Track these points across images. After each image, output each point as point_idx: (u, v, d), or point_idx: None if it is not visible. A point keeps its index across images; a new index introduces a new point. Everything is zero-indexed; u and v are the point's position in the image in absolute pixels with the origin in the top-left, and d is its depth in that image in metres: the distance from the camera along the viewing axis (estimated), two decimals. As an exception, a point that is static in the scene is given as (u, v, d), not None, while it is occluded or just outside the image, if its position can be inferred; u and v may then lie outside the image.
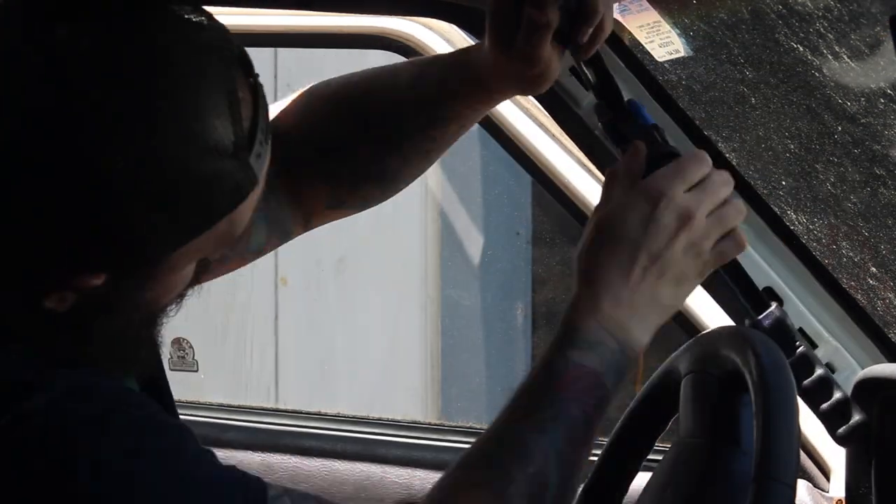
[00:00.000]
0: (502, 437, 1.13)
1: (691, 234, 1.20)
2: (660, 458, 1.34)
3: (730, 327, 1.22)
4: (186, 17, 1.09)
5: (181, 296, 1.20)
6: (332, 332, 5.11)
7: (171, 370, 2.87)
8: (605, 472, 1.40)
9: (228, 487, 1.07)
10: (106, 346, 1.15)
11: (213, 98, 1.06)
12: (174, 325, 1.24)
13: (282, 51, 4.48)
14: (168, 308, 1.19)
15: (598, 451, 1.43)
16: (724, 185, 1.24)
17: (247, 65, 1.12)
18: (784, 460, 1.08)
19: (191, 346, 2.85)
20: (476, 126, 2.19)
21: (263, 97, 1.14)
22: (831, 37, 2.02)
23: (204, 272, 1.20)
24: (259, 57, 1.20)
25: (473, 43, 2.13)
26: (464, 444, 2.34)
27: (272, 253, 1.30)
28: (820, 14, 2.01)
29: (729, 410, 1.22)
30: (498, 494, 1.08)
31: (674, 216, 1.20)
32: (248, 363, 4.57)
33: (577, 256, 1.23)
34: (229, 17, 2.16)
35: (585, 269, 1.22)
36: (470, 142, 5.08)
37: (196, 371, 2.88)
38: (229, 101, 1.07)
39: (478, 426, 2.48)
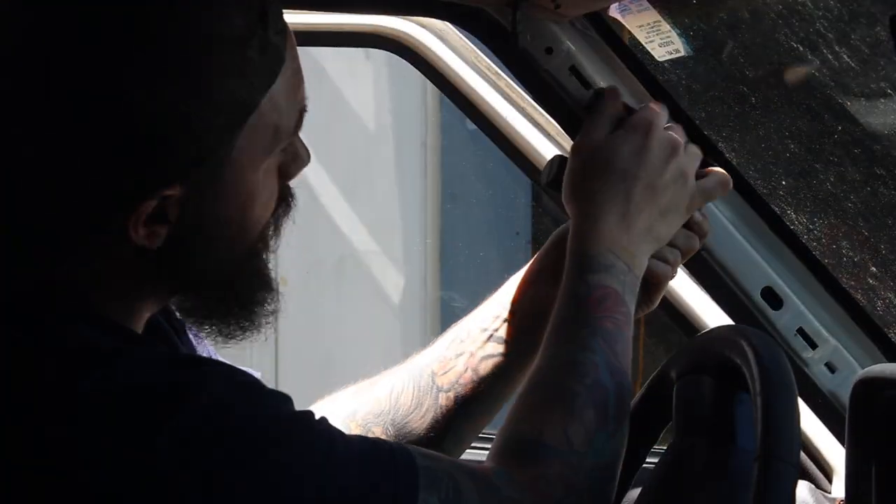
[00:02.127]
0: (554, 362, 1.20)
1: (679, 161, 1.33)
2: (658, 457, 1.34)
3: (724, 327, 1.23)
4: None
5: (276, 222, 1.20)
6: (332, 332, 5.11)
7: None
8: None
9: (376, 467, 1.07)
10: (212, 281, 1.16)
11: None
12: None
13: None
14: (265, 232, 1.18)
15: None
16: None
17: None
18: (787, 441, 1.09)
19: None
20: (475, 126, 2.20)
21: None
22: (831, 37, 2.02)
23: (288, 192, 1.20)
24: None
25: (471, 43, 2.14)
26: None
27: (272, 253, 1.30)
28: (820, 14, 2.01)
29: (726, 409, 1.22)
30: (569, 408, 1.14)
31: (664, 145, 1.32)
32: (247, 363, 4.57)
33: (569, 190, 1.33)
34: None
35: (583, 200, 1.31)
36: (470, 142, 5.08)
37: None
38: None
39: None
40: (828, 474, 1.95)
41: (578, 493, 1.12)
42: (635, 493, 1.36)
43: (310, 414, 1.11)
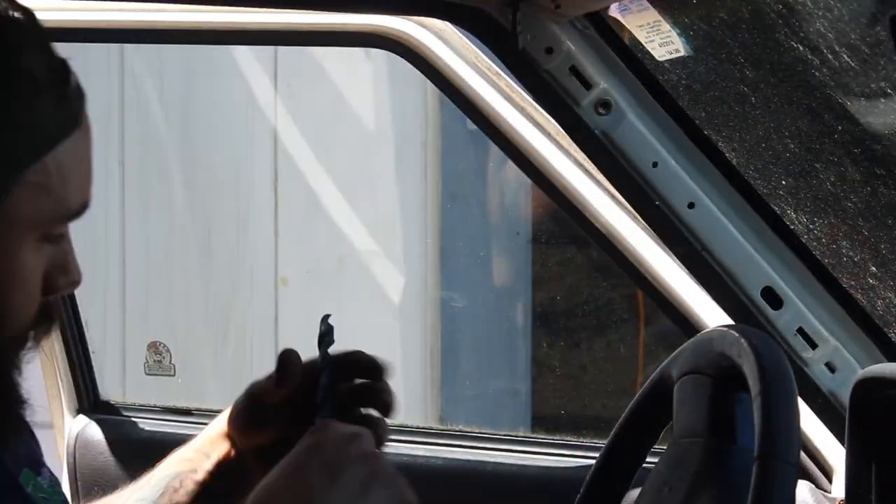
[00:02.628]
0: None
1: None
2: (658, 458, 1.34)
3: (724, 327, 1.22)
4: None
5: (36, 335, 1.09)
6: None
7: (148, 374, 2.83)
8: (605, 472, 1.40)
9: None
10: None
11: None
12: (170, 327, 1.23)
13: (282, 49, 4.48)
14: (16, 338, 1.07)
15: (598, 454, 1.43)
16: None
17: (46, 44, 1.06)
18: (786, 441, 1.08)
19: (168, 350, 2.80)
20: (475, 127, 2.20)
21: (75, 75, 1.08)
22: (831, 37, 2.02)
23: (49, 310, 1.09)
24: (260, 56, 1.21)
25: (471, 43, 2.14)
26: (463, 447, 2.34)
27: (272, 253, 1.28)
28: (820, 14, 2.01)
29: (725, 409, 1.22)
30: None
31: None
32: (248, 364, 4.57)
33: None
34: (230, 16, 2.17)
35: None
36: (470, 142, 5.08)
37: (173, 376, 2.81)
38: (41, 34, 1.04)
39: (476, 430, 2.47)
40: (828, 474, 1.95)
41: None
42: (635, 493, 1.36)
43: None
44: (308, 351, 1.57)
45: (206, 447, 1.27)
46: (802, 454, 1.91)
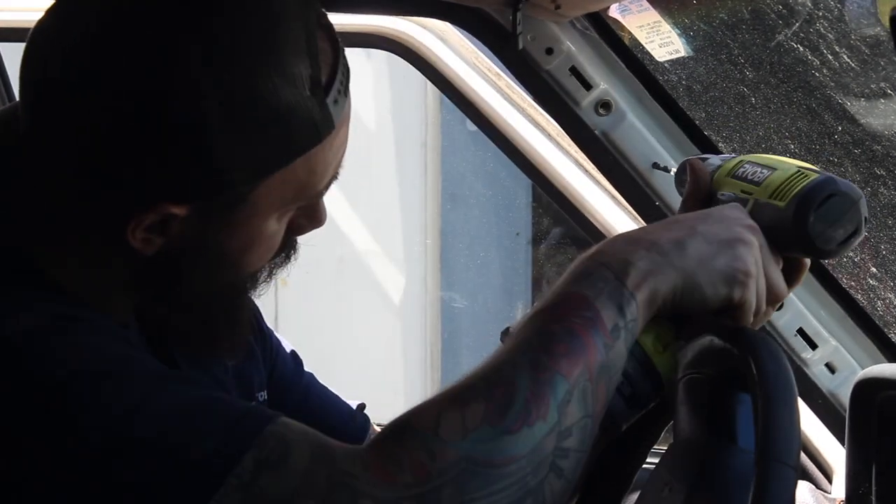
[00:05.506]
0: (475, 368, 1.10)
1: (747, 244, 1.15)
2: (658, 458, 1.34)
3: (724, 326, 1.22)
4: None
5: (271, 270, 1.21)
6: (332, 332, 5.11)
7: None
8: (604, 473, 1.40)
9: (209, 423, 1.03)
10: (190, 305, 1.17)
11: (292, 34, 1.09)
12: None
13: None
14: (257, 275, 1.19)
15: (597, 454, 1.43)
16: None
17: (327, 24, 1.15)
18: (786, 442, 1.08)
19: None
20: (475, 127, 2.20)
21: (344, 57, 1.16)
22: (831, 37, 2.02)
23: (292, 246, 1.22)
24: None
25: (471, 43, 2.14)
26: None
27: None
28: (820, 14, 2.01)
29: (725, 409, 1.22)
30: (455, 397, 1.04)
31: (739, 226, 1.16)
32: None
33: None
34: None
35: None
36: (470, 142, 5.08)
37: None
38: (307, 40, 1.10)
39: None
40: (828, 474, 1.95)
41: (435, 482, 1.01)
42: (635, 493, 1.36)
43: (144, 364, 1.08)
44: (308, 351, 1.57)
45: None
46: (802, 455, 1.91)
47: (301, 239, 1.31)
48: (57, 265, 1.13)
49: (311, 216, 1.21)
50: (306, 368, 1.56)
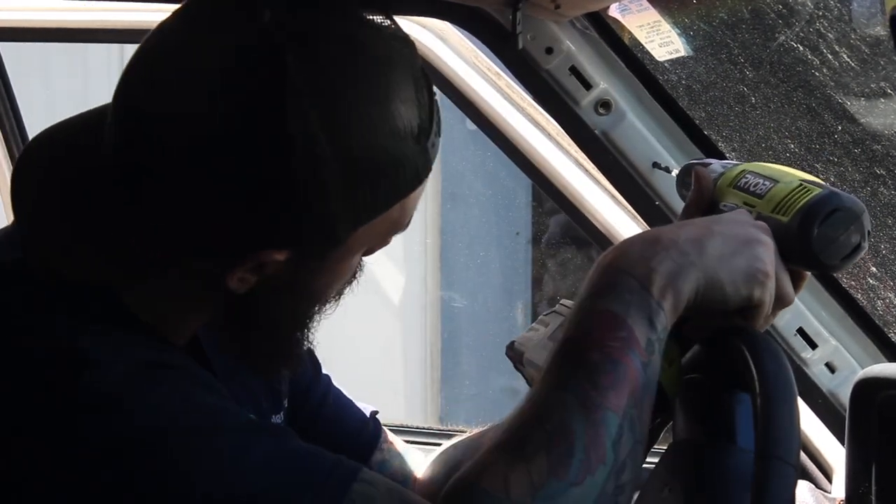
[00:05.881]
0: (526, 405, 1.10)
1: (763, 245, 1.15)
2: (658, 458, 1.34)
3: (724, 326, 1.22)
4: (375, 16, 1.12)
5: (340, 290, 1.23)
6: (332, 333, 5.11)
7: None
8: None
9: (301, 478, 1.05)
10: (265, 329, 1.18)
11: (401, 83, 1.10)
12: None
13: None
14: (327, 304, 1.22)
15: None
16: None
17: (422, 66, 1.15)
18: (786, 442, 1.08)
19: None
20: (475, 127, 2.20)
21: (436, 96, 1.16)
22: (831, 37, 2.02)
23: (360, 268, 1.24)
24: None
25: (471, 43, 2.14)
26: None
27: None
28: (820, 14, 2.01)
29: (725, 409, 1.22)
30: (518, 452, 1.05)
31: (750, 229, 1.15)
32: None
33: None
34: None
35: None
36: (470, 142, 5.08)
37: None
38: (416, 86, 1.11)
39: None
40: (828, 474, 1.95)
41: None
42: (635, 493, 1.36)
43: (236, 417, 1.09)
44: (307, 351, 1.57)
45: None
46: (802, 454, 1.91)
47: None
48: (141, 299, 1.14)
49: (384, 242, 1.22)
50: (307, 368, 1.56)
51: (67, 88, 5.29)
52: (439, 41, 2.09)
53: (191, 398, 1.07)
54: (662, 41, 1.88)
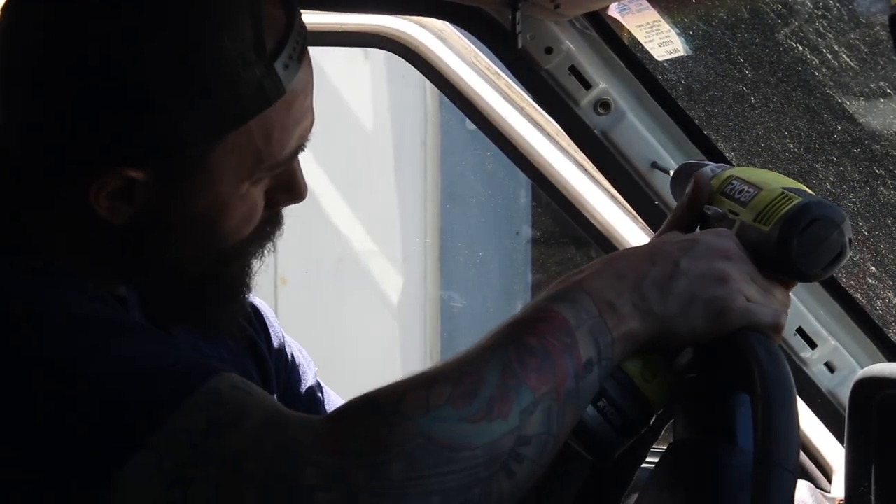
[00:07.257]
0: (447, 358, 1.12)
1: (725, 265, 1.16)
2: (658, 457, 1.34)
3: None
4: None
5: (259, 243, 1.22)
6: (332, 332, 5.11)
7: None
8: (603, 474, 1.40)
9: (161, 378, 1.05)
10: (175, 274, 1.19)
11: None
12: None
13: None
14: (244, 247, 1.21)
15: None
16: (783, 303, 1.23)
17: None
18: (785, 445, 1.08)
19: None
20: (475, 127, 2.20)
21: (301, 24, 1.19)
22: (831, 37, 2.02)
23: (276, 220, 1.23)
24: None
25: (471, 43, 2.15)
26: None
27: (272, 253, 1.32)
28: (820, 14, 2.02)
29: (725, 410, 1.22)
30: (423, 380, 1.05)
31: (713, 246, 1.16)
32: (247, 363, 4.56)
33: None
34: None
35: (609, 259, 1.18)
36: (470, 142, 5.08)
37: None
38: (251, 4, 1.12)
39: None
40: (828, 474, 1.95)
41: (387, 454, 1.01)
42: (635, 493, 1.36)
43: (126, 324, 1.11)
44: (307, 351, 1.57)
45: None
46: (802, 454, 1.91)
47: (301, 238, 1.31)
48: (49, 245, 1.17)
49: (289, 189, 1.22)
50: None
51: None
52: (439, 41, 2.09)
53: (68, 297, 1.09)
54: (662, 41, 1.88)
